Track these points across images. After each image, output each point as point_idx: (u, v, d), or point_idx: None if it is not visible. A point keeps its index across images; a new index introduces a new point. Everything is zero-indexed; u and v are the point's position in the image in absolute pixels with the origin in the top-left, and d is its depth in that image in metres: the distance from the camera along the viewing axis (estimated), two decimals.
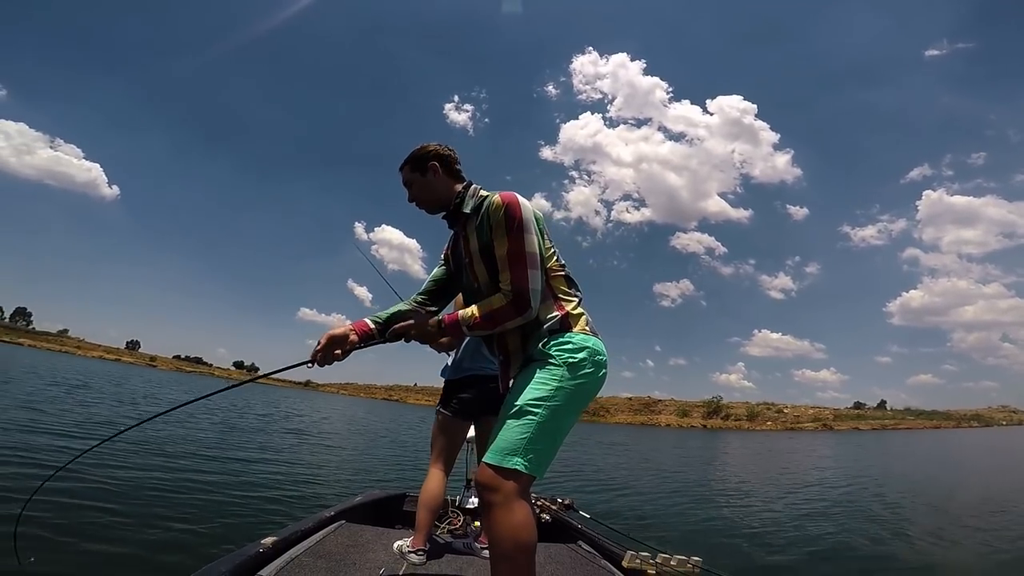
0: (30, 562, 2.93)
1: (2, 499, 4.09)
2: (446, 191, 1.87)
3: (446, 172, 1.88)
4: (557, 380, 1.59)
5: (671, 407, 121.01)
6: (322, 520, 2.72)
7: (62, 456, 6.03)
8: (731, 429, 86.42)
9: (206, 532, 4.13)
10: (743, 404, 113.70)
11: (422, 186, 1.87)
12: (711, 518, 7.23)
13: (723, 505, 8.44)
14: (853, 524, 7.00)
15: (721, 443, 35.58)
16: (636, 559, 2.44)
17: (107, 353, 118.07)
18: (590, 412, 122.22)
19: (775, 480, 13.38)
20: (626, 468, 14.55)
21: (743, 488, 11.11)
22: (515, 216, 1.67)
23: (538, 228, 1.72)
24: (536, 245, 1.67)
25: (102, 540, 3.58)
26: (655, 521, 6.74)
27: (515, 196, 1.71)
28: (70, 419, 9.70)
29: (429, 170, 1.86)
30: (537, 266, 1.66)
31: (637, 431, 59.98)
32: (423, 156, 1.88)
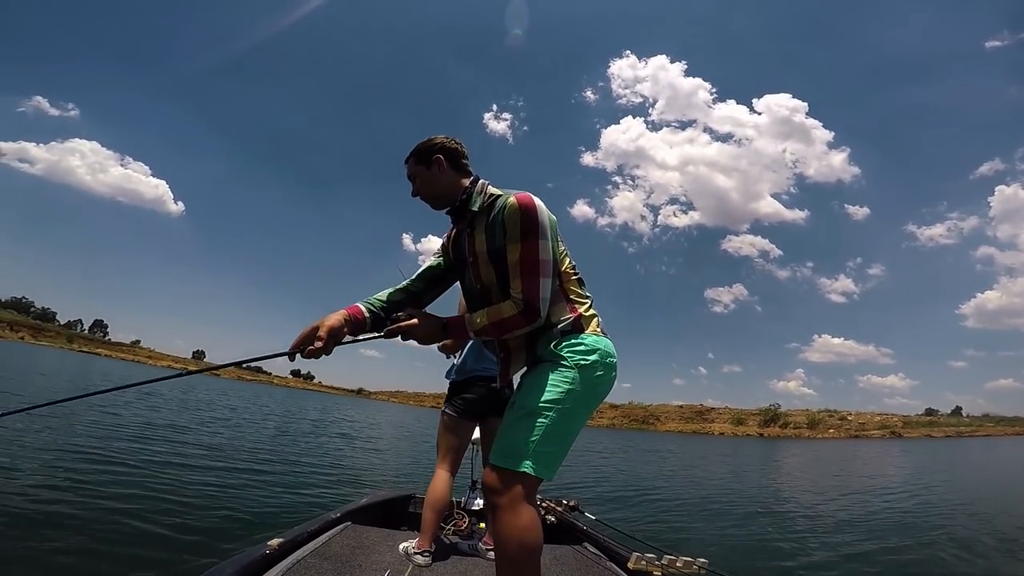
0: None
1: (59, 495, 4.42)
2: (451, 186, 1.78)
3: (451, 166, 1.78)
4: (568, 382, 1.57)
5: (725, 415, 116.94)
6: (328, 522, 2.74)
7: (124, 456, 6.46)
8: (790, 437, 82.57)
9: (227, 530, 4.26)
10: (803, 412, 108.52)
11: (426, 180, 1.79)
12: (736, 524, 6.96)
13: (755, 512, 8.08)
14: (895, 535, 6.56)
15: (776, 451, 34.06)
16: (642, 561, 2.43)
17: (175, 363, 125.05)
18: (639, 420, 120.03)
19: (818, 487, 12.72)
20: (666, 474, 14.18)
21: (781, 495, 10.65)
22: (532, 221, 1.59)
23: (552, 228, 1.65)
24: (550, 252, 1.61)
25: (108, 539, 3.64)
26: (675, 526, 6.56)
27: (532, 199, 1.62)
28: (140, 420, 10.59)
29: (434, 163, 1.77)
30: (549, 274, 1.60)
31: (687, 440, 58.17)
32: (428, 149, 1.79)
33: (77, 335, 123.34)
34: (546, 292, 1.60)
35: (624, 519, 6.01)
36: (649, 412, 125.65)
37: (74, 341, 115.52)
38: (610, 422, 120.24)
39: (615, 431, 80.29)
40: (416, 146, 1.81)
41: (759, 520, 7.40)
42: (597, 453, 19.21)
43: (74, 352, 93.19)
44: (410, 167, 1.82)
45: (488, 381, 2.82)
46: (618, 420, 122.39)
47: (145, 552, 3.47)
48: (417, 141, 1.82)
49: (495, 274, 1.67)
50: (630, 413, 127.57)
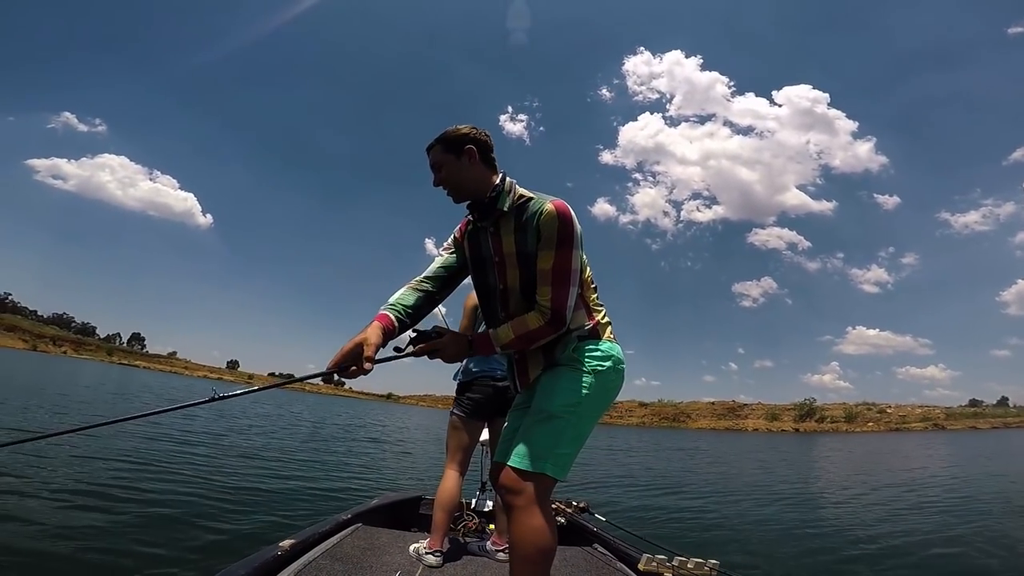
0: None
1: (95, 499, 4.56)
2: (480, 180, 1.70)
3: (482, 159, 1.71)
4: (586, 387, 1.61)
5: (758, 411, 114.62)
6: (339, 523, 2.76)
7: (172, 460, 6.65)
8: (827, 432, 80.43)
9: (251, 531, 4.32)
10: (840, 405, 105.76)
11: (455, 170, 1.70)
12: (759, 523, 6.78)
13: (781, 510, 7.87)
14: (925, 530, 6.31)
15: (812, 446, 33.26)
16: (652, 562, 2.39)
17: (210, 372, 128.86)
18: (669, 419, 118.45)
19: (855, 481, 12.35)
20: (690, 472, 13.93)
21: (813, 490, 10.34)
22: (569, 231, 1.59)
23: (582, 239, 1.66)
24: (579, 261, 1.64)
25: (121, 538, 3.72)
26: (692, 526, 6.42)
27: (568, 207, 1.60)
28: (180, 427, 11.01)
29: (465, 154, 1.69)
30: (577, 283, 1.63)
31: (719, 437, 57.19)
32: (460, 138, 1.70)
33: (116, 348, 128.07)
34: (572, 301, 1.62)
35: (636, 520, 5.91)
36: (679, 410, 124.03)
37: (113, 354, 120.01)
38: (640, 420, 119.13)
39: (644, 430, 79.43)
40: (444, 133, 1.72)
41: (784, 518, 7.20)
42: (622, 451, 19.02)
43: (114, 365, 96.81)
44: (436, 155, 1.72)
45: (495, 381, 2.82)
46: (648, 418, 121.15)
47: (161, 551, 3.55)
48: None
49: (520, 278, 1.67)
50: (660, 411, 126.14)
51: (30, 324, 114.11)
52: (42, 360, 60.87)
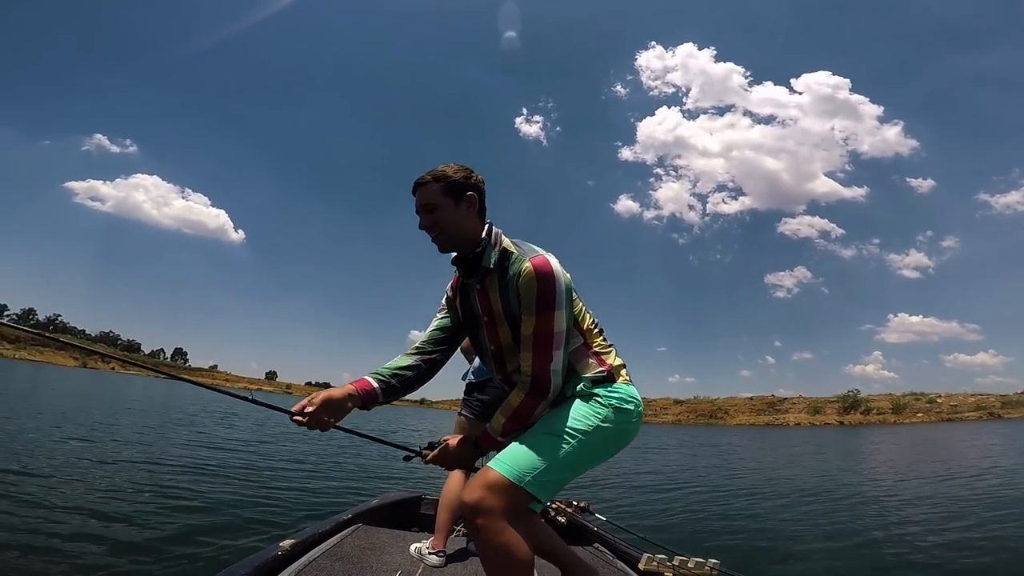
0: None
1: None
2: (473, 232, 1.55)
3: (480, 208, 1.57)
4: (601, 419, 1.50)
5: (800, 405, 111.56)
6: (339, 523, 2.76)
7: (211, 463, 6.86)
8: (873, 424, 77.69)
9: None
10: (886, 396, 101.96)
11: (452, 217, 1.53)
12: (782, 520, 6.52)
13: (810, 509, 7.55)
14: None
15: (857, 440, 32.14)
16: (653, 562, 2.37)
17: (250, 384, 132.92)
18: (706, 415, 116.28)
19: (891, 474, 11.83)
20: (718, 471, 13.59)
21: (844, 484, 9.93)
22: (549, 292, 1.44)
23: (568, 294, 1.50)
24: (565, 321, 1.49)
25: (129, 535, 3.77)
26: (706, 526, 6.24)
27: (549, 263, 1.45)
28: (225, 436, 11.50)
29: (466, 200, 1.54)
30: (563, 343, 1.50)
31: (759, 433, 55.84)
32: (463, 182, 1.54)
33: (161, 363, 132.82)
34: (558, 363, 1.50)
35: (637, 520, 5.80)
36: (716, 406, 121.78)
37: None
38: (675, 418, 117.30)
39: (679, 427, 78.07)
40: (442, 171, 1.54)
41: (810, 513, 6.93)
42: (652, 449, 18.72)
43: (159, 379, 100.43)
44: (433, 195, 1.53)
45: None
46: (683, 416, 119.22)
47: (167, 549, 3.61)
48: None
49: (512, 335, 1.56)
50: (696, 408, 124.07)
51: (80, 342, 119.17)
52: (94, 376, 63.70)
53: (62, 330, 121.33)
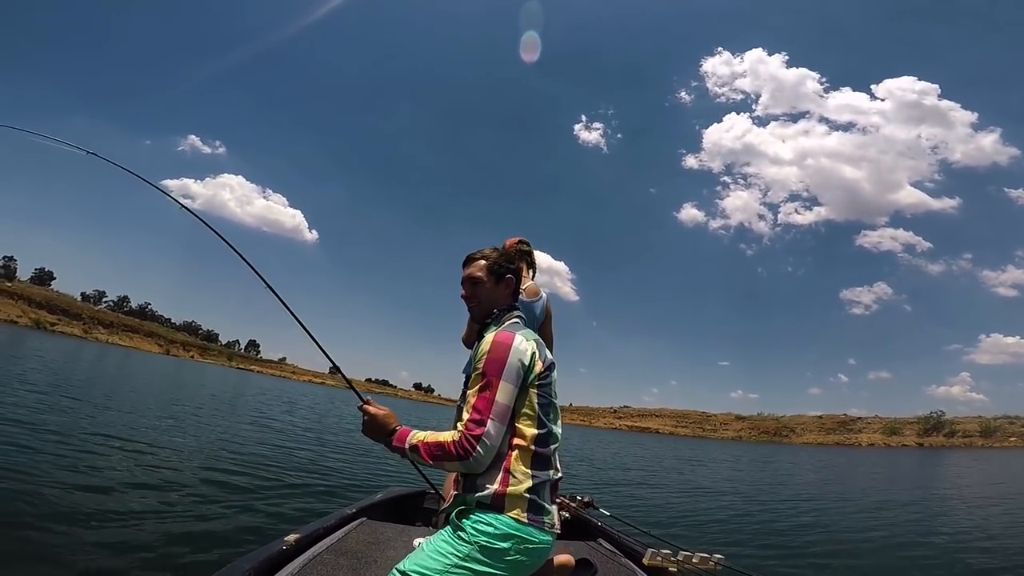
0: None
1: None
2: (499, 306, 1.69)
3: (514, 291, 1.73)
4: (459, 558, 1.36)
5: (874, 425, 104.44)
6: (344, 517, 2.77)
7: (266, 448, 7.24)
8: (958, 447, 71.50)
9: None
10: (974, 419, 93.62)
11: (489, 293, 1.68)
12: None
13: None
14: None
15: (940, 462, 29.75)
16: (657, 556, 2.31)
17: (315, 378, 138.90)
18: (770, 433, 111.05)
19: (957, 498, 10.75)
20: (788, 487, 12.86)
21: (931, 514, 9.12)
22: (499, 359, 1.45)
23: (525, 383, 1.47)
24: (510, 399, 1.43)
25: (133, 531, 3.76)
26: (691, 522, 6.00)
27: (511, 337, 1.50)
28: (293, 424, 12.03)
29: (504, 283, 1.69)
30: (503, 421, 1.42)
31: (828, 452, 52.66)
32: (506, 264, 1.70)
33: (235, 354, 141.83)
34: (493, 439, 1.39)
35: (641, 516, 5.63)
36: (782, 424, 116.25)
37: (233, 359, 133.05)
38: (735, 434, 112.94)
39: (740, 444, 74.99)
40: (490, 253, 1.71)
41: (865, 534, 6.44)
42: (698, 463, 18.02)
43: (232, 369, 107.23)
44: (477, 271, 1.68)
45: None
46: (745, 432, 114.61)
47: (166, 546, 3.61)
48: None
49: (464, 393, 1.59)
50: (759, 425, 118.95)
51: (165, 331, 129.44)
52: (175, 363, 68.66)
53: (151, 318, 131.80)
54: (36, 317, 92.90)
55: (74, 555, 3.20)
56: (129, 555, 3.33)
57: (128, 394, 14.42)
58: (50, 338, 60.80)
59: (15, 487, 4.18)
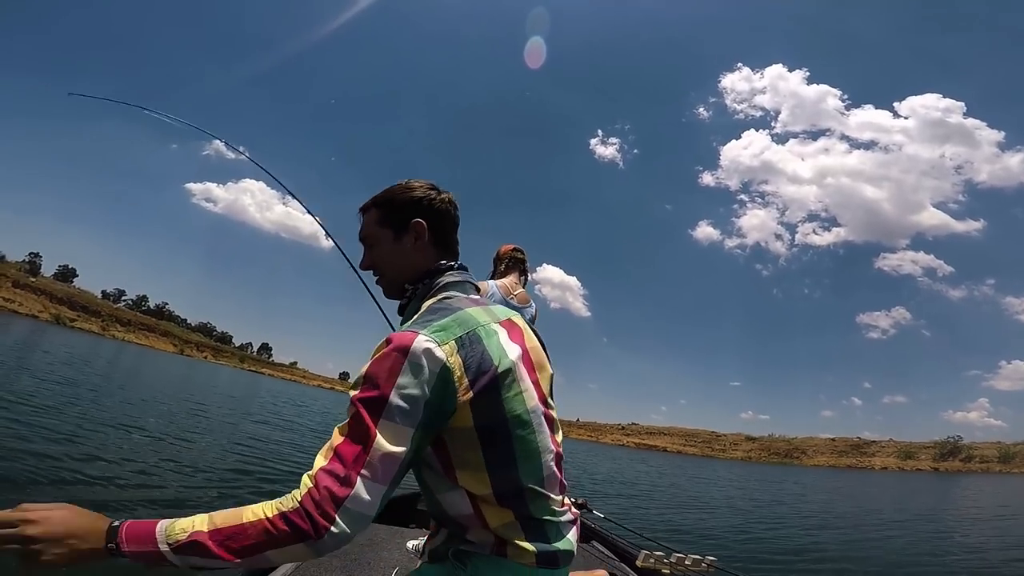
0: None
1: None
2: (415, 272, 1.10)
3: (435, 240, 1.11)
4: None
5: (888, 449, 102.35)
6: None
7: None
8: (974, 472, 69.80)
9: None
10: (992, 444, 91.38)
11: (390, 254, 1.11)
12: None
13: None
14: None
15: (955, 487, 29.10)
16: (650, 558, 2.32)
17: (324, 383, 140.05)
18: (780, 454, 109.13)
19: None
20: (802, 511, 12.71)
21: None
22: (379, 373, 0.85)
23: (442, 412, 0.86)
24: (403, 441, 0.83)
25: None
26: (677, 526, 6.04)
27: (409, 338, 0.86)
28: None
29: (411, 231, 1.09)
30: (387, 479, 0.82)
31: (840, 475, 51.70)
32: (409, 205, 1.09)
33: (248, 356, 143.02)
34: (366, 508, 0.80)
35: (635, 519, 5.66)
36: (793, 445, 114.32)
37: (245, 361, 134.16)
38: (745, 455, 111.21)
39: (750, 464, 73.82)
40: (385, 193, 1.13)
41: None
42: (702, 479, 17.83)
43: (244, 371, 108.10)
44: (366, 225, 1.14)
45: None
46: (755, 453, 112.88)
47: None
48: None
49: None
50: (770, 446, 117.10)
51: (180, 331, 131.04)
52: (188, 363, 69.46)
53: (168, 318, 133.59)
54: (56, 312, 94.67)
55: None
56: None
57: (142, 389, 14.70)
58: (68, 333, 61.85)
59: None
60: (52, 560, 0.76)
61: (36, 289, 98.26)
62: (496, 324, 0.98)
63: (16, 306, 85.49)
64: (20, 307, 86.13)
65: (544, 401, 1.00)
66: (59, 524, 0.77)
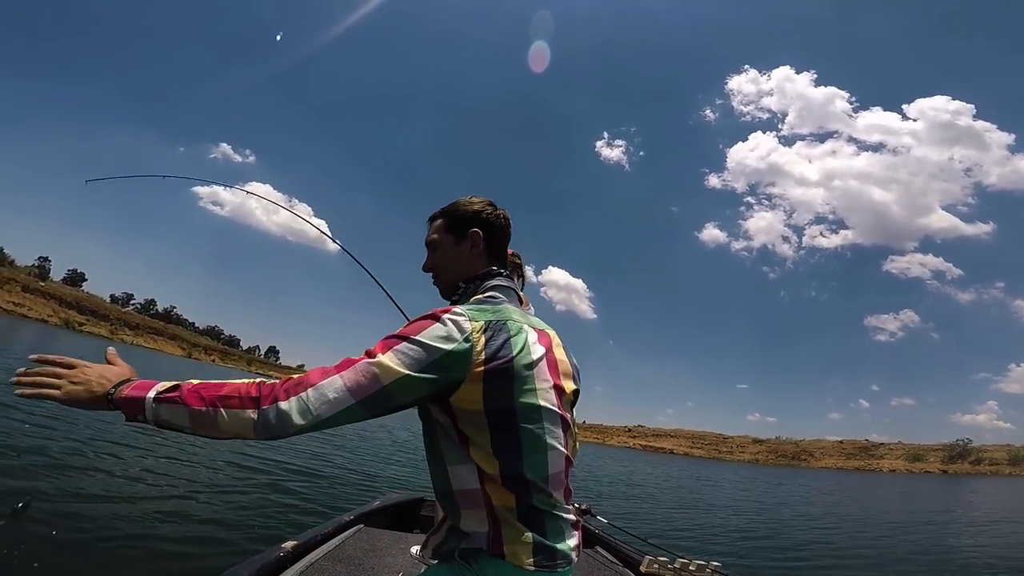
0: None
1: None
2: (467, 275, 1.21)
3: (489, 248, 1.23)
4: None
5: (897, 451, 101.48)
6: (341, 524, 2.75)
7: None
8: (984, 475, 69.14)
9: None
10: (1002, 447, 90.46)
11: (450, 258, 1.22)
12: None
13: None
14: None
15: (966, 489, 28.89)
16: (654, 564, 2.35)
17: None
18: (788, 456, 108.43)
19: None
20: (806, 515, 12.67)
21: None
22: (405, 332, 0.97)
23: (442, 379, 0.94)
24: (392, 378, 0.92)
25: (129, 538, 3.66)
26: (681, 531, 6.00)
27: (440, 312, 0.99)
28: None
29: (469, 238, 1.20)
30: (357, 397, 0.90)
31: (848, 477, 51.30)
32: (472, 217, 1.21)
33: (255, 359, 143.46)
34: (314, 410, 0.88)
35: (639, 525, 5.64)
36: (800, 448, 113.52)
37: (252, 364, 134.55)
38: (752, 457, 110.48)
39: (756, 467, 73.34)
40: (451, 205, 1.26)
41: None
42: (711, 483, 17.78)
43: (251, 373, 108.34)
44: (433, 230, 1.26)
45: None
46: (762, 455, 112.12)
47: (168, 549, 3.59)
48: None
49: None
50: (777, 448, 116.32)
51: (188, 335, 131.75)
52: (196, 366, 69.77)
53: (176, 321, 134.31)
54: (66, 317, 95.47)
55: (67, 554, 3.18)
56: (120, 560, 3.29)
57: None
58: (78, 338, 62.25)
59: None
60: (67, 393, 0.91)
61: (46, 293, 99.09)
62: (529, 327, 1.06)
63: (26, 310, 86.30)
64: (30, 311, 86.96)
65: (562, 405, 1.05)
66: (95, 372, 0.96)
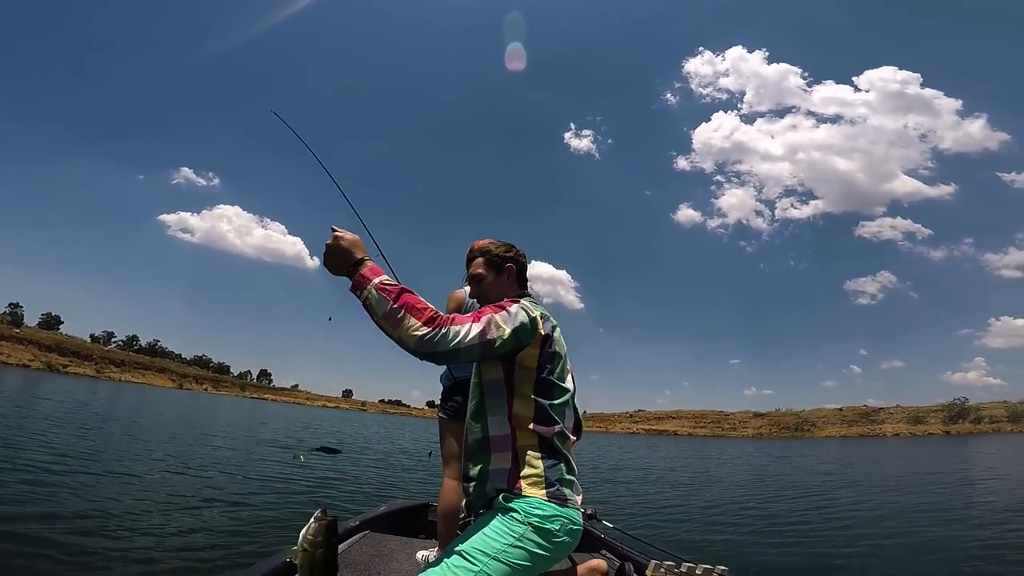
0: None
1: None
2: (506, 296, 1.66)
3: (518, 278, 1.78)
4: (515, 537, 1.34)
5: (897, 415, 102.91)
6: (347, 530, 2.77)
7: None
8: (986, 434, 70.17)
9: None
10: (999, 404, 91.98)
11: (494, 286, 1.73)
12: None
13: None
14: None
15: (970, 450, 29.15)
16: (661, 568, 2.23)
17: (328, 402, 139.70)
18: (791, 428, 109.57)
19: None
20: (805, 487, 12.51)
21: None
22: (499, 306, 1.49)
23: (521, 339, 1.44)
24: (502, 329, 1.41)
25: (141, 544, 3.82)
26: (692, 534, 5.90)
27: (511, 302, 1.54)
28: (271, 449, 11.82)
29: (505, 272, 1.74)
30: (483, 338, 1.37)
31: (855, 445, 51.76)
32: (504, 255, 1.75)
33: (248, 384, 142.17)
34: (465, 340, 1.34)
35: (645, 529, 5.55)
36: (802, 418, 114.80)
37: (246, 389, 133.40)
38: (756, 432, 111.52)
39: (762, 441, 73.88)
40: (486, 247, 1.78)
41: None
42: (724, 460, 17.69)
43: (246, 398, 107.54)
44: (476, 267, 1.77)
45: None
46: (765, 429, 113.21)
47: (171, 555, 3.67)
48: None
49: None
50: (779, 421, 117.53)
51: (176, 366, 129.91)
52: (190, 397, 68.96)
53: (162, 354, 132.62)
54: (48, 360, 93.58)
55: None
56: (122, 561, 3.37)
57: (187, 429, 14.43)
58: (64, 379, 61.36)
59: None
60: (329, 263, 1.42)
61: (22, 339, 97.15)
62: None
63: (5, 357, 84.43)
64: (9, 358, 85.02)
65: (574, 395, 1.59)
66: (343, 239, 1.42)
